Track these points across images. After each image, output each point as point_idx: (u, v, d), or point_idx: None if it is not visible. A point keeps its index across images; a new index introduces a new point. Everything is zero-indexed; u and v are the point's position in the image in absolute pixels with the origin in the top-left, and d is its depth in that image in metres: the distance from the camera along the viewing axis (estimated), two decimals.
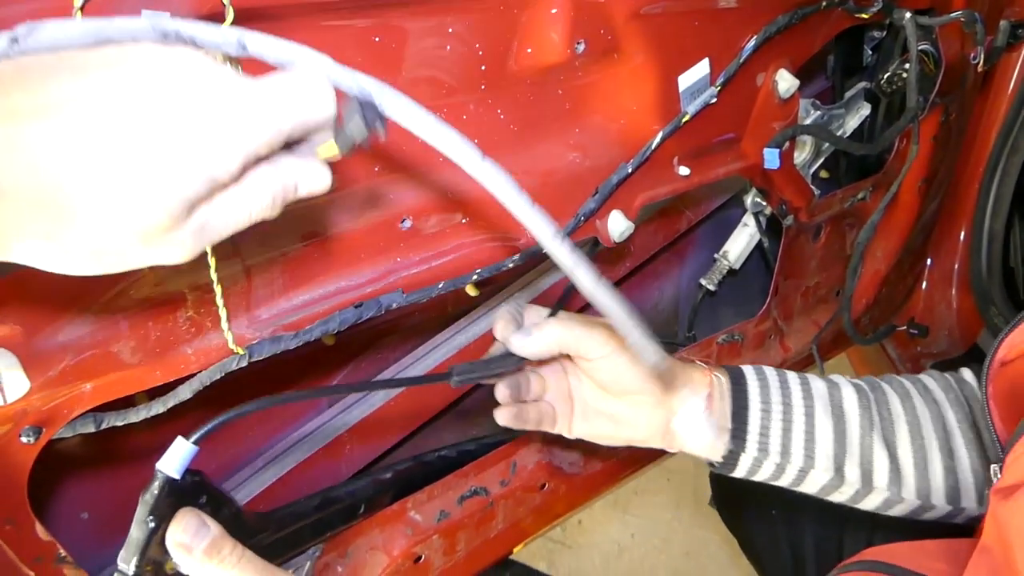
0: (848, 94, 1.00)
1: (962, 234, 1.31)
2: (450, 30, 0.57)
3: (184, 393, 0.52)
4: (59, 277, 0.46)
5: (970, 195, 1.28)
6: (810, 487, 0.69)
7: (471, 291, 0.83)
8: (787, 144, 0.89)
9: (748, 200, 0.99)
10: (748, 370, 0.70)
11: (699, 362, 0.70)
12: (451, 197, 0.64)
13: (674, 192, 0.80)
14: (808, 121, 0.94)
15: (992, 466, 0.58)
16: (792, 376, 0.70)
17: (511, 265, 0.67)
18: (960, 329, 1.36)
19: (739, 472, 0.69)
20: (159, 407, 0.52)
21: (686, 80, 0.74)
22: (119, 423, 0.51)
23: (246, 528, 0.52)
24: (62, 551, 0.53)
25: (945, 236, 1.33)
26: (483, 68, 0.61)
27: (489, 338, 0.84)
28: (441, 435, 0.88)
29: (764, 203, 0.96)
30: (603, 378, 0.66)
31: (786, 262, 1.05)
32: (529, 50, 0.63)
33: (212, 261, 0.48)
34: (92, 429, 0.50)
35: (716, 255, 1.06)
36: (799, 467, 0.67)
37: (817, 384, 0.70)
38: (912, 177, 1.12)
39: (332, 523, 0.69)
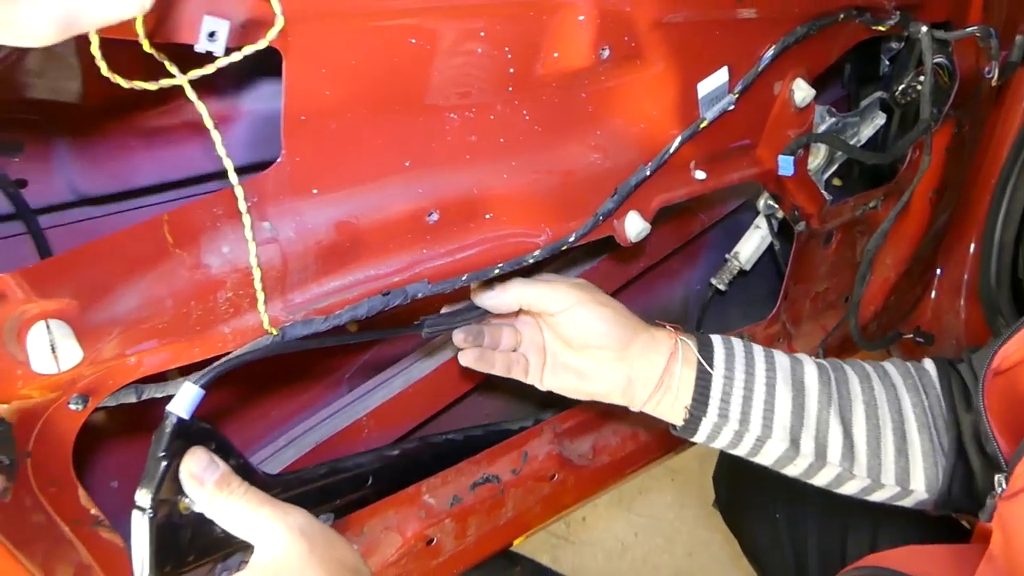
0: (863, 103, 1.02)
1: (972, 245, 1.33)
2: (482, 33, 0.60)
3: (220, 368, 0.55)
4: (112, 255, 0.49)
5: (981, 206, 1.30)
6: (766, 458, 0.72)
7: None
8: (801, 151, 0.91)
9: (761, 202, 1.01)
10: (716, 339, 0.74)
11: (670, 326, 0.75)
12: (477, 193, 0.66)
13: (690, 195, 0.83)
14: (823, 128, 0.96)
15: (996, 476, 0.61)
16: (759, 349, 0.74)
17: (531, 261, 0.70)
18: (967, 339, 1.37)
19: (699, 437, 0.73)
20: (195, 379, 0.55)
21: (705, 87, 0.77)
22: (158, 395, 0.54)
23: (252, 481, 0.55)
24: (100, 515, 0.56)
25: (955, 246, 1.35)
26: (511, 71, 0.64)
27: None
28: (456, 422, 0.90)
29: (776, 206, 0.98)
30: (565, 332, 0.72)
31: (796, 267, 1.07)
32: (556, 55, 0.65)
33: (252, 246, 0.51)
34: (133, 400, 0.53)
35: (727, 255, 1.08)
36: (756, 435, 0.70)
37: (781, 358, 0.73)
38: (924, 187, 1.14)
39: (339, 491, 0.71)
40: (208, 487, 0.52)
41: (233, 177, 0.48)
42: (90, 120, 0.56)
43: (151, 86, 0.43)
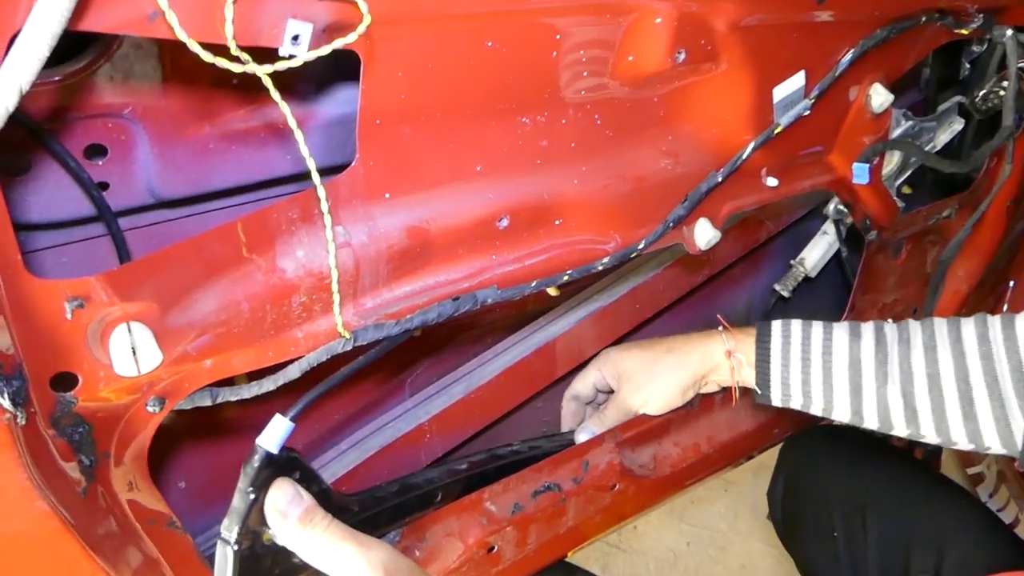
0: (941, 107, 0.98)
1: None
2: (557, 36, 0.59)
3: (293, 373, 0.55)
4: (191, 259, 0.49)
5: None
6: (837, 420, 0.78)
7: (552, 291, 0.85)
8: (876, 159, 0.89)
9: (830, 207, 0.98)
10: (775, 326, 0.79)
11: (725, 336, 0.81)
12: (547, 199, 0.65)
13: (760, 203, 0.81)
14: (898, 132, 0.93)
15: None
16: (817, 331, 0.78)
17: (600, 268, 0.69)
18: None
19: (775, 403, 0.79)
20: (269, 385, 0.55)
21: (781, 92, 0.75)
22: (232, 399, 0.54)
23: (332, 506, 0.54)
24: (173, 517, 0.57)
25: None
26: (585, 74, 0.63)
27: (565, 339, 0.87)
28: (515, 429, 0.90)
29: (846, 211, 0.95)
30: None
31: (865, 277, 1.04)
32: (631, 58, 0.64)
33: (332, 249, 0.51)
34: (208, 403, 0.53)
35: (792, 261, 1.05)
36: (821, 408, 0.77)
37: (839, 338, 0.77)
38: (1001, 197, 1.10)
39: (410, 509, 0.71)
40: (292, 522, 0.51)
41: (316, 179, 0.48)
42: (169, 125, 0.56)
43: (235, 68, 0.42)
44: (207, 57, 0.40)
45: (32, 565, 0.48)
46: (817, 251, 1.04)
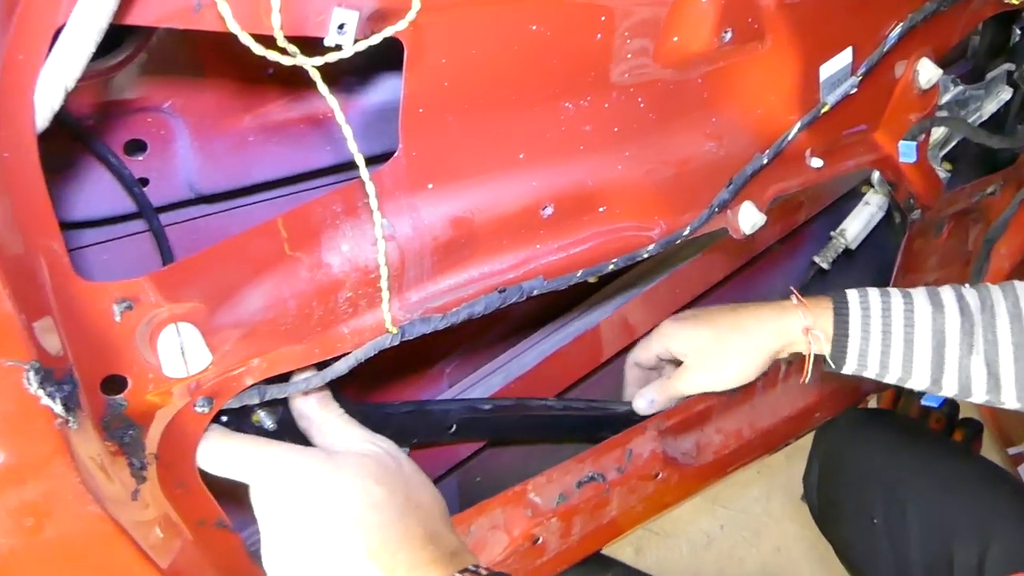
0: (989, 75, 0.95)
1: None
2: (602, 18, 0.57)
3: (340, 368, 0.54)
4: (237, 257, 0.48)
5: None
6: (913, 387, 0.76)
7: (591, 279, 0.84)
8: (923, 136, 0.86)
9: (875, 176, 0.95)
10: (853, 296, 0.76)
11: (802, 312, 0.76)
12: (591, 185, 0.64)
13: (805, 184, 0.78)
14: (947, 98, 0.90)
15: None
16: (897, 300, 0.75)
17: (646, 255, 0.67)
18: None
19: (846, 372, 0.77)
20: (317, 381, 0.54)
21: (828, 69, 0.72)
22: (280, 395, 0.53)
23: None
24: (223, 516, 0.56)
25: None
26: (629, 56, 0.61)
27: (605, 326, 0.85)
28: None
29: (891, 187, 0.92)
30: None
31: (906, 257, 1.02)
32: (675, 39, 0.62)
33: (382, 244, 0.49)
34: (256, 401, 0.52)
35: (832, 233, 1.03)
36: (897, 377, 0.75)
37: (922, 307, 0.74)
38: None
39: (418, 431, 0.69)
40: (311, 401, 0.55)
41: (364, 173, 0.47)
42: (209, 118, 0.55)
43: (285, 60, 0.41)
44: (258, 50, 0.39)
45: (86, 568, 0.48)
46: (859, 222, 1.02)
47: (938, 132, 0.96)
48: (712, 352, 0.78)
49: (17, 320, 0.39)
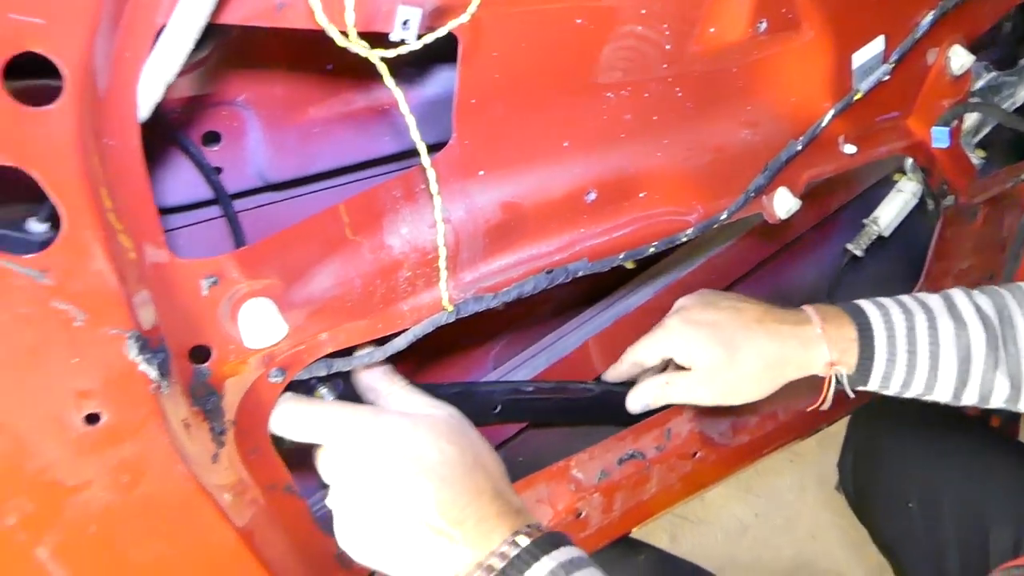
0: (1023, 61, 0.96)
1: None
2: (643, 11, 0.60)
3: (400, 343, 0.57)
4: (308, 239, 0.52)
5: None
6: (926, 400, 0.76)
7: (629, 265, 0.87)
8: (956, 122, 0.87)
9: (907, 163, 0.97)
10: (875, 316, 0.73)
11: (826, 346, 0.72)
12: (632, 172, 0.67)
13: (838, 170, 0.81)
14: (980, 84, 0.91)
15: None
16: (920, 318, 0.73)
17: (684, 239, 0.70)
18: None
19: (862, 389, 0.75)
20: (379, 355, 0.58)
21: (860, 57, 0.74)
22: (346, 368, 0.57)
23: None
24: (291, 481, 0.60)
25: None
26: (667, 48, 0.64)
27: (644, 310, 0.88)
28: None
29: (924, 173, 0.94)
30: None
31: (940, 243, 1.03)
32: (712, 30, 0.65)
33: (441, 226, 0.53)
34: (324, 372, 0.56)
35: (865, 220, 1.04)
36: (918, 393, 0.74)
37: (945, 325, 0.72)
38: None
39: (465, 412, 0.71)
40: (376, 373, 0.60)
41: (426, 160, 0.50)
42: (277, 110, 0.59)
43: (364, 52, 0.45)
44: (341, 41, 0.43)
45: (172, 524, 0.52)
46: (892, 208, 1.03)
47: (971, 119, 0.97)
48: (725, 373, 0.72)
49: (121, 294, 0.43)
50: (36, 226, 0.42)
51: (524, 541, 0.53)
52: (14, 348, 0.41)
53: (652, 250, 0.68)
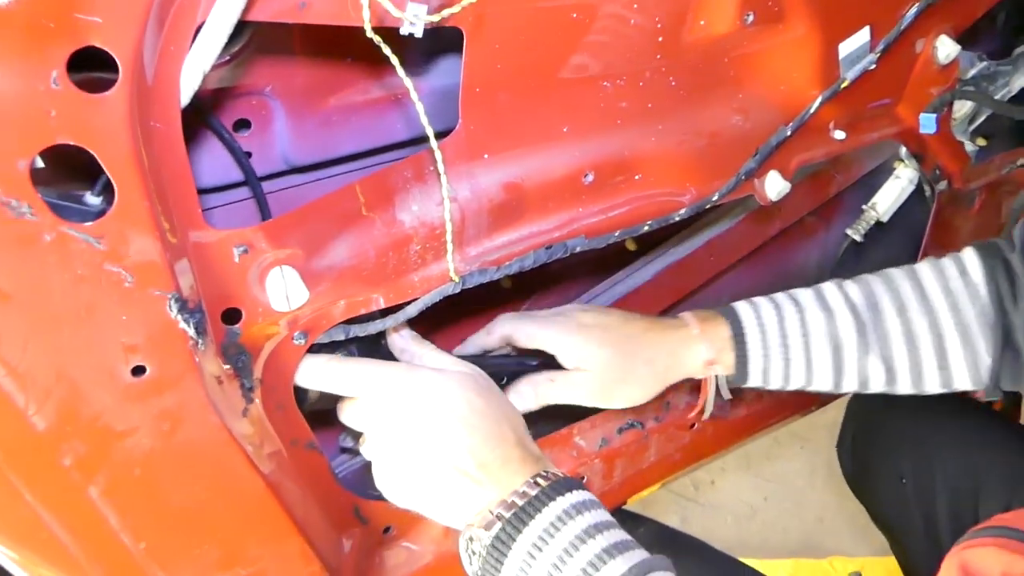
0: (1017, 51, 0.99)
1: None
2: (635, 5, 0.65)
3: (411, 311, 0.63)
4: (328, 213, 0.58)
5: None
6: (810, 390, 0.78)
7: (630, 246, 0.92)
8: (944, 109, 0.91)
9: (903, 150, 1.00)
10: (747, 316, 0.75)
11: (704, 344, 0.74)
12: (628, 155, 0.72)
13: (829, 155, 0.85)
14: (972, 73, 0.94)
15: None
16: (790, 312, 0.75)
17: (677, 218, 0.75)
18: None
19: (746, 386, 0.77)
20: (391, 321, 0.63)
21: (846, 47, 0.79)
22: (362, 333, 0.63)
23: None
24: (313, 439, 0.66)
25: None
26: (660, 40, 0.69)
27: (648, 288, 0.93)
28: None
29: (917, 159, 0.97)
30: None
31: (936, 229, 1.07)
32: (702, 22, 0.69)
33: (447, 204, 0.59)
34: (342, 337, 0.62)
35: (864, 206, 1.07)
36: (799, 385, 0.77)
37: (814, 317, 0.75)
38: None
39: None
40: (406, 335, 0.66)
41: (434, 144, 0.56)
42: (301, 100, 0.65)
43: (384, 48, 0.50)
44: (371, 33, 0.48)
45: (206, 469, 0.58)
46: (889, 194, 1.06)
47: (965, 107, 1.00)
48: (612, 374, 0.72)
49: (164, 259, 0.49)
50: (92, 199, 0.48)
51: (542, 483, 0.59)
52: (73, 305, 0.47)
53: (646, 228, 0.73)
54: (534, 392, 0.72)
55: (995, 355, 0.73)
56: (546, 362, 0.74)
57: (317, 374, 0.62)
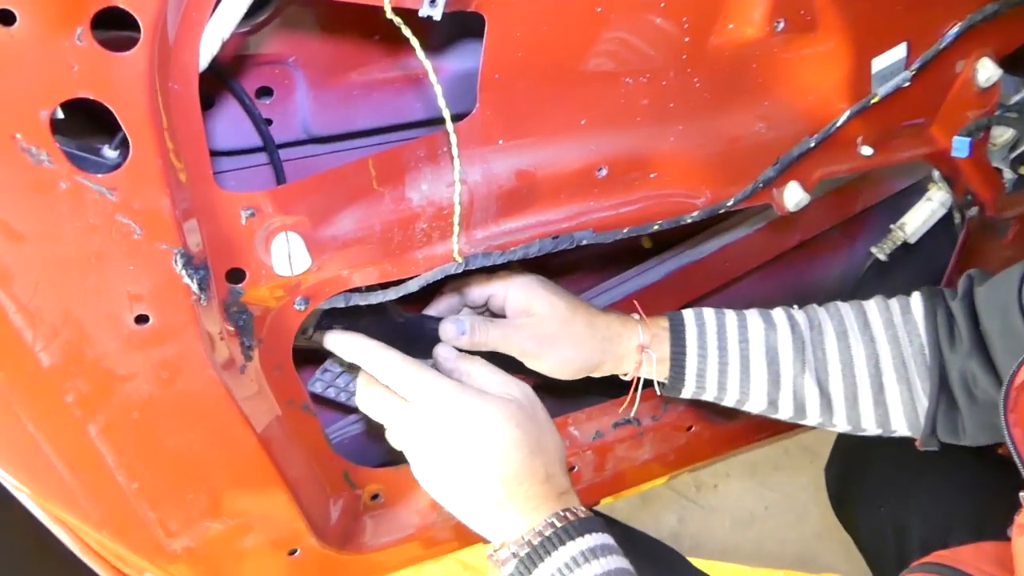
0: None
1: None
2: (661, 4, 0.65)
3: (412, 286, 0.65)
4: (337, 184, 0.59)
5: None
6: (750, 410, 0.78)
7: (646, 243, 0.92)
8: (980, 134, 0.89)
9: (936, 172, 0.98)
10: (688, 315, 0.76)
11: (641, 328, 0.75)
12: (644, 153, 0.72)
13: (853, 170, 0.84)
14: (1016, 99, 0.92)
15: (1021, 493, 0.61)
16: (732, 319, 0.76)
17: (688, 220, 0.75)
18: None
19: (684, 395, 0.77)
20: (392, 294, 0.65)
21: (880, 63, 0.78)
22: (362, 303, 0.65)
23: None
24: (308, 400, 0.68)
25: None
26: (686, 40, 0.68)
27: (658, 287, 0.93)
28: None
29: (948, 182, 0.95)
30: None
31: (964, 256, 1.05)
32: (731, 26, 0.69)
33: (457, 186, 0.60)
34: (342, 305, 0.64)
35: (892, 225, 1.05)
36: (736, 399, 0.76)
37: (755, 325, 0.76)
38: None
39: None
40: (451, 355, 0.70)
41: (450, 125, 0.57)
42: (323, 72, 0.66)
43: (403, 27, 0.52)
44: (390, 14, 0.50)
45: (200, 419, 0.60)
46: (919, 216, 1.02)
47: (1007, 133, 0.98)
48: (553, 328, 0.73)
49: (173, 215, 0.51)
50: (109, 152, 0.50)
51: (558, 523, 0.62)
52: (84, 251, 0.50)
53: (656, 227, 0.74)
54: (470, 326, 0.72)
55: (932, 397, 0.73)
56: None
57: (365, 356, 0.65)
